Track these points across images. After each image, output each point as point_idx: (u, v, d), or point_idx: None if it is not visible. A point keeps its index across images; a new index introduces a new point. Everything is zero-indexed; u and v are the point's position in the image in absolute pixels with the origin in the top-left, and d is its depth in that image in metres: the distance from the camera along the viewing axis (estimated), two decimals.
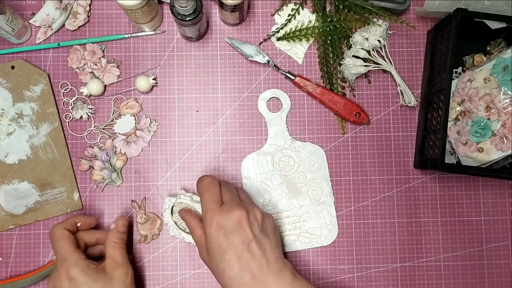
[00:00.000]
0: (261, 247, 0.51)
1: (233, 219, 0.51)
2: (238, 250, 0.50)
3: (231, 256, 0.50)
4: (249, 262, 0.50)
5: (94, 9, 0.66)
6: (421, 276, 0.65)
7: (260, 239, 0.52)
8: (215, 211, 0.52)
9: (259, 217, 0.53)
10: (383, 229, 0.66)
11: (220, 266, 0.51)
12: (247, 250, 0.51)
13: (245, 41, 0.66)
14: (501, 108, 0.58)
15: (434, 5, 0.61)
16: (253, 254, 0.51)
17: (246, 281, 0.50)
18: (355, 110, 0.65)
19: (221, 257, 0.51)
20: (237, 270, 0.50)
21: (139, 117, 0.65)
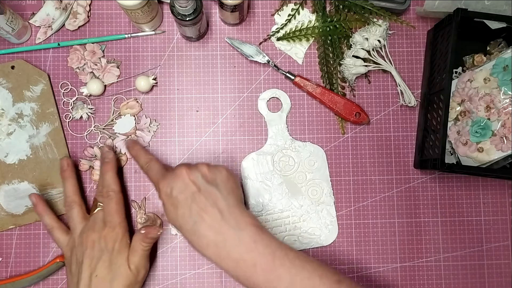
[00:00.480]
0: (209, 197, 0.50)
1: (176, 177, 0.52)
2: (187, 204, 0.50)
3: (183, 211, 0.50)
4: (200, 213, 0.50)
5: (94, 9, 0.66)
6: (421, 276, 0.65)
7: (207, 189, 0.51)
8: (160, 179, 0.53)
9: (204, 169, 0.52)
10: (383, 229, 0.66)
11: (177, 225, 0.51)
12: (195, 202, 0.50)
13: (245, 41, 0.66)
14: (501, 108, 0.58)
15: (434, 5, 0.61)
16: (203, 205, 0.50)
17: (203, 233, 0.49)
18: (355, 110, 0.65)
19: (176, 216, 0.51)
20: (192, 224, 0.50)
21: (139, 117, 0.65)
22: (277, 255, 0.49)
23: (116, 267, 0.56)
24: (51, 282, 0.63)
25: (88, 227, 0.58)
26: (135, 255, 0.57)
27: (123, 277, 0.55)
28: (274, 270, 0.48)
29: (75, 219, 0.59)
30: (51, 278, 0.63)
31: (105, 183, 0.59)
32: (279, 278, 0.48)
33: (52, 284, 0.63)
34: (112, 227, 0.57)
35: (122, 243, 0.57)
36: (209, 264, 0.64)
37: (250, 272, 0.49)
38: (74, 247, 0.58)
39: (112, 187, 0.59)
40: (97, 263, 0.55)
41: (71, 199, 0.60)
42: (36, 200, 0.60)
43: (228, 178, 0.53)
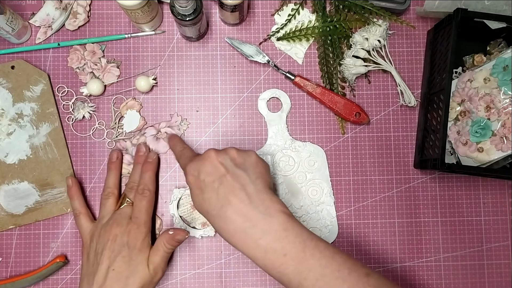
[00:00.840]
0: (237, 180, 0.49)
1: (204, 160, 0.51)
2: (214, 187, 0.49)
3: (210, 195, 0.49)
4: (228, 197, 0.48)
5: (94, 9, 0.66)
6: (421, 276, 0.65)
7: (235, 172, 0.50)
8: (189, 162, 0.53)
9: (232, 153, 0.51)
10: (383, 229, 0.66)
11: (204, 209, 0.50)
12: (222, 185, 0.49)
13: (245, 41, 0.66)
14: (501, 108, 0.58)
15: (434, 5, 0.61)
16: (230, 188, 0.49)
17: (231, 218, 0.48)
18: (355, 110, 0.65)
19: (202, 200, 0.50)
20: (219, 208, 0.48)
21: (171, 115, 0.65)
22: (308, 245, 0.48)
23: (135, 264, 0.55)
24: (51, 282, 0.63)
25: (113, 220, 0.58)
26: (156, 255, 0.56)
27: (140, 276, 0.55)
28: (304, 261, 0.47)
29: (107, 208, 0.60)
30: (51, 278, 0.63)
31: (142, 181, 0.60)
32: (310, 269, 0.47)
33: (52, 284, 0.63)
34: (138, 224, 0.57)
35: (145, 242, 0.57)
36: (209, 264, 0.64)
37: (280, 262, 0.47)
38: (95, 236, 0.58)
39: (149, 186, 0.60)
40: (116, 256, 0.55)
41: (110, 190, 0.61)
42: (72, 182, 0.62)
43: (257, 162, 0.52)
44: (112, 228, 0.57)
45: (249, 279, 0.64)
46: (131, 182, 0.61)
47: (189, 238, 0.64)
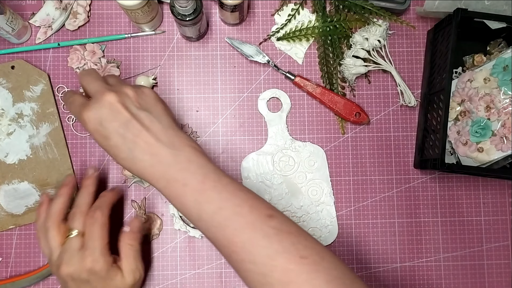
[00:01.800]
0: (142, 122, 0.48)
1: (105, 105, 0.48)
2: (120, 133, 0.48)
3: (116, 141, 0.48)
4: (135, 139, 0.48)
5: (94, 9, 0.66)
6: (421, 276, 0.65)
7: (139, 116, 0.49)
8: (84, 108, 0.48)
9: (132, 94, 0.50)
10: (383, 229, 0.66)
11: (112, 154, 0.49)
12: (129, 130, 0.48)
13: (245, 41, 0.66)
14: (501, 108, 0.58)
15: (434, 5, 0.61)
16: (137, 131, 0.48)
17: (138, 157, 0.48)
18: (355, 110, 0.65)
19: (109, 147, 0.48)
20: (127, 151, 0.48)
21: (183, 125, 0.65)
22: (210, 178, 0.47)
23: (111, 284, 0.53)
24: (51, 282, 0.63)
25: (60, 259, 0.53)
26: (127, 261, 0.55)
27: None
28: (204, 192, 0.47)
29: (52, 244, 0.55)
30: (51, 278, 0.63)
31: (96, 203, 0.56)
32: (208, 201, 0.46)
33: (52, 284, 0.63)
34: (92, 256, 0.52)
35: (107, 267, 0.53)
36: (209, 264, 0.64)
37: (180, 192, 0.47)
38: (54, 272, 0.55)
39: (103, 208, 0.55)
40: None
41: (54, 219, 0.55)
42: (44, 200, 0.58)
43: (156, 99, 0.51)
44: (64, 270, 0.53)
45: None
46: (75, 207, 0.56)
47: (189, 238, 0.64)
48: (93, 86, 0.51)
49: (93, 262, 0.52)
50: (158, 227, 0.64)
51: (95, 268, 0.52)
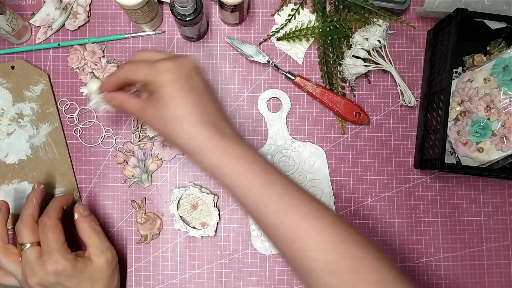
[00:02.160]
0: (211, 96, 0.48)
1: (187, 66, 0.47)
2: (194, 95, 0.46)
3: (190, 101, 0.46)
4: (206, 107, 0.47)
5: (94, 9, 0.66)
6: (421, 276, 0.65)
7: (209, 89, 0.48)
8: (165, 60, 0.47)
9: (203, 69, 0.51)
10: (383, 229, 0.66)
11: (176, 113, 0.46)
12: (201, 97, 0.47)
13: (245, 41, 0.66)
14: (501, 108, 0.58)
15: (434, 5, 0.61)
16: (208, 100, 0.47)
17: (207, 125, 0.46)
18: (355, 110, 0.65)
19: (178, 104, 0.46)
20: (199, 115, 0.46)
21: None
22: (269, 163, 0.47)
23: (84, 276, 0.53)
24: None
25: (25, 274, 0.53)
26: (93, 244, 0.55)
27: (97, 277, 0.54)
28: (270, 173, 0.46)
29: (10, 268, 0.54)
30: None
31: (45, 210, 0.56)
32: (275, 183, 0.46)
33: None
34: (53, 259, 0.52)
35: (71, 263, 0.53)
36: (209, 264, 0.64)
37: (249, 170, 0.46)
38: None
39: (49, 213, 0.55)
40: None
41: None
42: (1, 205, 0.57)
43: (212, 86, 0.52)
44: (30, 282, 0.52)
45: (249, 279, 0.64)
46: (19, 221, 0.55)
47: (189, 238, 0.64)
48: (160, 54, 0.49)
49: (54, 263, 0.52)
50: (158, 227, 0.64)
51: (59, 269, 0.52)
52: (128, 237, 0.64)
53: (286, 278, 0.64)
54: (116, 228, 0.64)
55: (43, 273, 0.52)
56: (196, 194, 0.63)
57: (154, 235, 0.64)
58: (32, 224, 0.54)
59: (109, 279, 0.56)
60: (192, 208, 0.64)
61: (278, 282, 0.64)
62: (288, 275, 0.64)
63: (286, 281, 0.64)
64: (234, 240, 0.65)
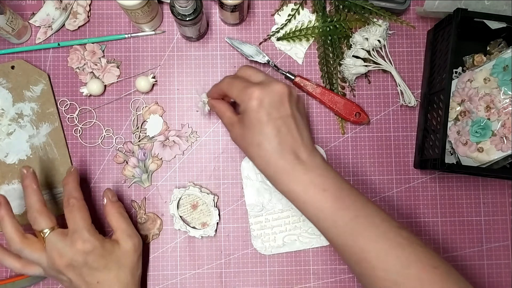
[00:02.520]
0: (297, 123, 0.51)
1: (275, 93, 0.51)
2: (277, 124, 0.50)
3: (271, 130, 0.50)
4: (287, 136, 0.50)
5: (94, 9, 0.66)
6: None
7: (296, 116, 0.52)
8: (255, 86, 0.50)
9: (295, 95, 0.53)
10: None
11: (257, 140, 0.50)
12: (285, 125, 0.50)
13: (245, 41, 0.66)
14: (501, 108, 0.58)
15: (434, 5, 0.61)
16: (291, 129, 0.51)
17: (284, 155, 0.50)
18: (355, 110, 0.65)
19: (260, 132, 0.50)
20: (276, 144, 0.50)
21: (183, 125, 0.65)
22: (344, 187, 0.50)
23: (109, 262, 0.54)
24: (51, 282, 0.63)
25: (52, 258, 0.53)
26: (120, 229, 0.56)
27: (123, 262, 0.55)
28: (341, 199, 0.49)
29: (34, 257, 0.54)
30: (51, 278, 0.63)
31: (65, 193, 0.56)
32: (345, 207, 0.49)
33: (52, 284, 0.63)
34: (81, 238, 0.53)
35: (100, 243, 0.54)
36: (209, 264, 0.64)
37: (319, 197, 0.49)
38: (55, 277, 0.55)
39: (74, 194, 0.55)
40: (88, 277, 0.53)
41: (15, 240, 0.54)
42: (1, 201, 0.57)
43: (305, 108, 0.55)
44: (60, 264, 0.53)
45: (249, 279, 0.64)
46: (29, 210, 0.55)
47: (189, 238, 0.64)
48: (259, 76, 0.53)
49: (84, 242, 0.53)
50: (158, 227, 0.64)
51: (89, 248, 0.53)
52: None
53: (286, 278, 0.64)
54: None
55: (73, 253, 0.53)
56: (196, 194, 0.63)
57: (154, 235, 0.64)
58: (45, 209, 0.55)
59: (134, 265, 0.57)
60: (192, 208, 0.64)
61: (278, 282, 0.64)
62: (288, 275, 0.64)
63: (286, 281, 0.64)
64: (234, 240, 0.65)
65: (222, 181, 0.65)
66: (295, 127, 0.51)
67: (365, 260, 0.48)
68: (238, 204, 0.65)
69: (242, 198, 0.65)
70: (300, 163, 0.50)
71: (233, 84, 0.53)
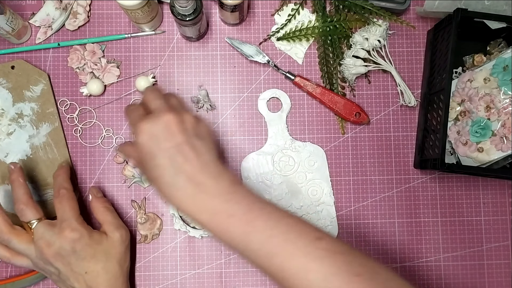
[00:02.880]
0: (194, 149, 0.48)
1: (162, 123, 0.48)
2: (170, 154, 0.47)
3: (164, 161, 0.47)
4: (183, 165, 0.47)
5: (94, 9, 0.66)
6: (421, 276, 0.65)
7: (193, 142, 0.48)
8: (143, 120, 0.48)
9: (191, 121, 0.50)
10: (383, 229, 0.66)
11: (154, 174, 0.48)
12: (179, 153, 0.47)
13: (245, 41, 0.66)
14: (501, 108, 0.58)
15: (434, 5, 0.61)
16: (187, 157, 0.48)
17: (181, 185, 0.47)
18: (355, 110, 0.65)
19: (154, 165, 0.48)
20: (172, 174, 0.47)
21: None
22: (255, 207, 0.47)
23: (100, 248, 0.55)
24: (51, 282, 0.63)
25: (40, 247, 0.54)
26: (107, 221, 0.58)
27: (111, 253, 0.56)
28: (250, 222, 0.46)
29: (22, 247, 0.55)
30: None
31: (56, 184, 0.58)
32: (256, 230, 0.46)
33: (52, 284, 0.63)
34: (70, 226, 0.54)
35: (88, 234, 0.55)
36: (209, 264, 0.64)
37: (226, 224, 0.47)
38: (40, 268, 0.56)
39: (64, 185, 0.57)
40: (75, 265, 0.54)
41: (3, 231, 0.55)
42: None
43: (211, 132, 0.52)
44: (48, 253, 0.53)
45: (249, 279, 0.64)
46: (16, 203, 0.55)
47: (189, 238, 0.64)
48: (155, 103, 0.51)
49: (72, 231, 0.54)
50: (158, 227, 0.64)
51: (76, 236, 0.54)
52: None
53: None
54: None
55: (61, 241, 0.53)
56: None
57: (154, 235, 0.64)
58: (32, 201, 0.55)
59: (122, 256, 0.57)
60: None
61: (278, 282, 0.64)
62: None
63: None
64: None
65: None
66: (193, 154, 0.48)
67: (287, 280, 0.45)
68: None
69: None
70: (201, 192, 0.47)
71: (129, 114, 0.52)
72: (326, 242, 0.46)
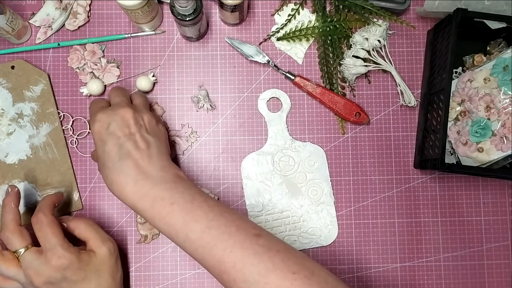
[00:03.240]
0: (146, 141, 0.50)
1: (118, 116, 0.51)
2: (120, 141, 0.50)
3: (111, 148, 0.49)
4: (131, 152, 0.49)
5: (94, 9, 0.66)
6: (421, 276, 0.65)
7: (146, 136, 0.51)
8: (101, 111, 0.51)
9: (148, 119, 0.53)
10: (383, 229, 0.66)
11: (102, 160, 0.50)
12: (130, 141, 0.50)
13: (245, 41, 0.66)
14: (501, 108, 0.58)
15: (434, 5, 0.61)
16: (137, 145, 0.50)
17: (126, 171, 0.49)
18: (355, 110, 0.65)
19: (103, 151, 0.49)
20: (117, 160, 0.49)
21: (183, 125, 0.65)
22: (197, 198, 0.49)
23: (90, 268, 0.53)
24: None
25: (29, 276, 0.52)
26: (92, 238, 0.55)
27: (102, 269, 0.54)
28: (191, 211, 0.47)
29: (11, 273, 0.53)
30: None
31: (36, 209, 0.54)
32: (196, 220, 0.47)
33: None
34: (56, 254, 0.51)
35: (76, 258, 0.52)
36: None
37: (167, 211, 0.48)
38: None
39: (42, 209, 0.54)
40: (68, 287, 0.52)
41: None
42: None
43: (165, 134, 0.55)
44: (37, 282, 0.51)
45: None
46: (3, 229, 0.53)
47: None
48: (117, 99, 0.54)
49: (59, 259, 0.51)
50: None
51: (65, 263, 0.52)
52: (128, 237, 0.64)
53: None
54: (116, 228, 0.64)
55: (50, 271, 0.51)
56: None
57: (154, 235, 0.64)
58: (19, 229, 0.53)
59: (113, 268, 0.56)
60: None
61: None
62: None
63: None
64: None
65: (222, 181, 0.65)
66: (143, 144, 0.50)
67: (225, 273, 0.46)
68: (238, 204, 0.65)
69: (242, 198, 0.65)
70: (144, 178, 0.48)
71: (91, 105, 0.55)
72: (264, 239, 0.47)
